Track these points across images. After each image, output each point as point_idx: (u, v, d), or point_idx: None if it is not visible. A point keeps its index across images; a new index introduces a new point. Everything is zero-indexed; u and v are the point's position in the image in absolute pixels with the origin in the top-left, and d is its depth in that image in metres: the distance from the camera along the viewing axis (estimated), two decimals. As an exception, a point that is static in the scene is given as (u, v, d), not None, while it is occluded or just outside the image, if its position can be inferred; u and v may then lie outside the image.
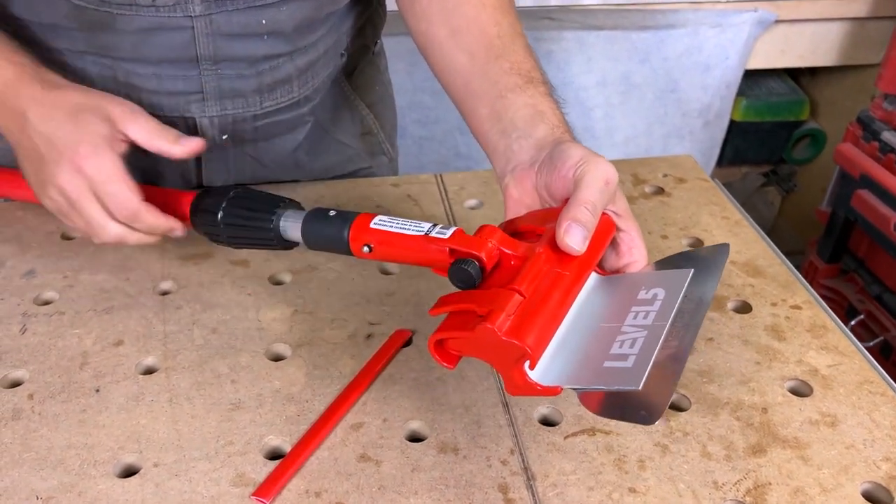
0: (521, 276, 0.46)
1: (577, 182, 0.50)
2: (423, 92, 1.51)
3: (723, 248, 0.55)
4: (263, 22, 0.69)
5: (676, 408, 0.57)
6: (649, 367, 0.42)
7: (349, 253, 0.56)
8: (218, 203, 0.60)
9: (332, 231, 0.56)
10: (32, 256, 0.72)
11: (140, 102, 0.65)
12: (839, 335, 0.63)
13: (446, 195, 0.83)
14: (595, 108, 1.55)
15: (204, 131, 0.75)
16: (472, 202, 0.82)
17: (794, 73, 1.84)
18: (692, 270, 0.50)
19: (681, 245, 0.75)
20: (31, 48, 0.64)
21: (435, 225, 0.52)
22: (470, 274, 0.48)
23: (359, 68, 0.88)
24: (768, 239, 0.77)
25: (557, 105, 0.61)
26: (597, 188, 0.50)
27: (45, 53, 0.67)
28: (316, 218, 0.57)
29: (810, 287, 0.70)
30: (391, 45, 0.95)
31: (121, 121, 0.61)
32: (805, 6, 1.50)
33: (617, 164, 0.85)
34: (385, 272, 0.71)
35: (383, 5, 0.87)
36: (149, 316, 0.64)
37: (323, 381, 0.58)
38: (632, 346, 0.44)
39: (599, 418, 0.55)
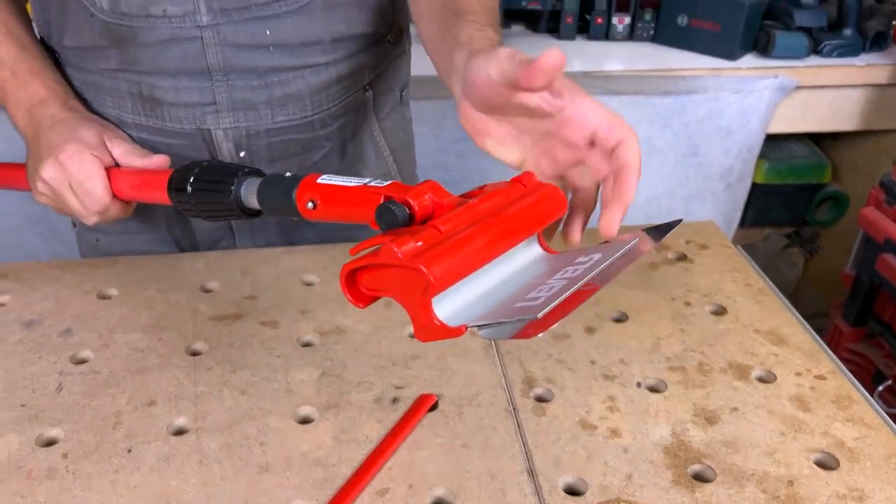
0: (444, 218, 0.46)
1: (619, 171, 0.51)
2: (447, 153, 1.54)
3: (676, 222, 0.58)
4: (268, 33, 0.74)
5: (701, 479, 0.56)
6: (555, 302, 0.42)
7: (297, 214, 0.57)
8: (186, 178, 0.64)
9: (282, 190, 0.57)
10: (69, 315, 0.74)
11: (163, 116, 0.77)
12: (865, 406, 0.63)
13: (471, 259, 0.84)
14: (617, 169, 1.57)
15: (220, 144, 0.80)
16: (496, 266, 0.83)
17: (815, 137, 1.85)
18: (636, 239, 0.52)
19: (704, 312, 0.76)
20: (77, 72, 0.78)
21: (377, 179, 0.53)
22: (395, 215, 0.48)
23: (386, 112, 0.91)
24: (792, 307, 0.77)
25: None
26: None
27: (86, 76, 0.79)
28: (270, 182, 0.59)
29: (835, 356, 0.70)
30: (417, 109, 0.99)
31: (108, 140, 0.73)
32: (825, 73, 1.53)
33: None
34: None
35: (407, 56, 0.92)
36: (180, 376, 0.66)
37: (349, 445, 0.59)
38: (549, 291, 0.44)
39: (625, 488, 0.55)
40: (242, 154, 0.81)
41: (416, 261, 0.43)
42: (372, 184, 0.52)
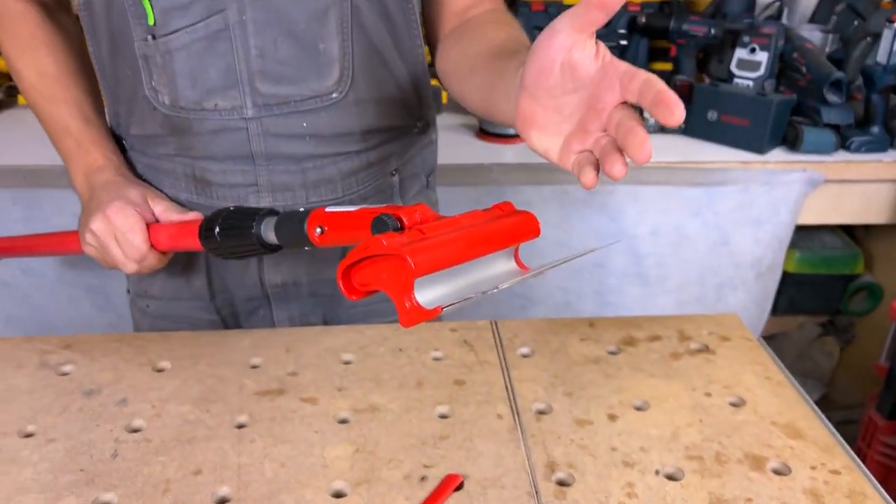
0: (427, 226, 0.55)
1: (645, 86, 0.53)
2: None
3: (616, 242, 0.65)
4: (305, 125, 0.84)
5: (714, 567, 0.59)
6: (506, 285, 0.56)
7: (309, 242, 0.66)
8: (214, 224, 0.76)
9: (295, 223, 0.67)
10: (126, 386, 0.80)
11: (211, 195, 0.88)
12: (879, 502, 0.65)
13: (500, 342, 0.88)
14: (648, 255, 1.61)
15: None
16: (524, 350, 0.87)
17: (848, 227, 1.87)
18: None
19: (723, 403, 0.78)
20: (140, 156, 0.91)
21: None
22: (387, 224, 0.57)
23: (412, 194, 0.99)
24: (811, 401, 0.80)
25: None
26: None
27: (148, 160, 0.91)
28: (285, 217, 0.70)
29: (851, 451, 0.72)
30: (452, 194, 1.05)
31: (151, 199, 0.85)
32: (853, 168, 1.57)
33: (663, 320, 0.91)
34: (442, 416, 0.76)
35: (434, 146, 1.01)
36: (226, 447, 0.71)
37: (379, 519, 0.63)
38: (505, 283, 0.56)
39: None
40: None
41: (400, 249, 0.52)
42: (370, 206, 0.61)
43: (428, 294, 0.55)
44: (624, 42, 1.84)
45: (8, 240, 1.10)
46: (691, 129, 1.66)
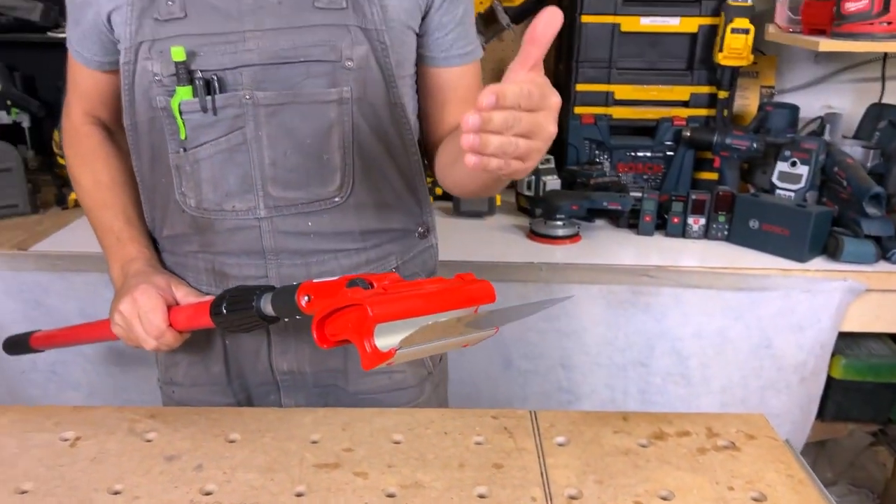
0: (392, 286, 0.67)
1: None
2: (530, 330, 1.68)
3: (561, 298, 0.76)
4: (310, 224, 0.98)
5: None
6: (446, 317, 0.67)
7: (299, 311, 0.76)
8: (221, 303, 0.88)
9: (287, 296, 0.78)
10: (202, 454, 0.90)
11: (227, 286, 0.98)
12: None
13: (538, 430, 0.96)
14: (691, 357, 1.67)
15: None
16: (560, 439, 0.94)
17: (894, 335, 1.88)
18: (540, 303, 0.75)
19: (745, 498, 0.84)
20: (169, 255, 1.05)
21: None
22: (356, 283, 0.67)
23: None
24: (833, 500, 0.84)
25: None
26: None
27: (175, 258, 1.05)
28: (279, 292, 0.82)
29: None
30: (505, 290, 1.15)
31: (174, 286, 0.98)
32: (893, 278, 1.61)
33: (693, 416, 0.97)
34: (481, 496, 0.83)
35: (434, 249, 1.13)
36: (286, 512, 0.79)
37: (419, 583, 0.70)
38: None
39: None
40: (287, 319, 0.99)
41: (362, 299, 0.63)
42: (348, 275, 0.73)
43: (385, 340, 0.66)
44: (670, 153, 1.95)
45: (48, 333, 1.24)
46: (734, 236, 1.74)
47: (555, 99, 0.70)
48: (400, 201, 1.04)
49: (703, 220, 1.76)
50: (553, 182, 1.88)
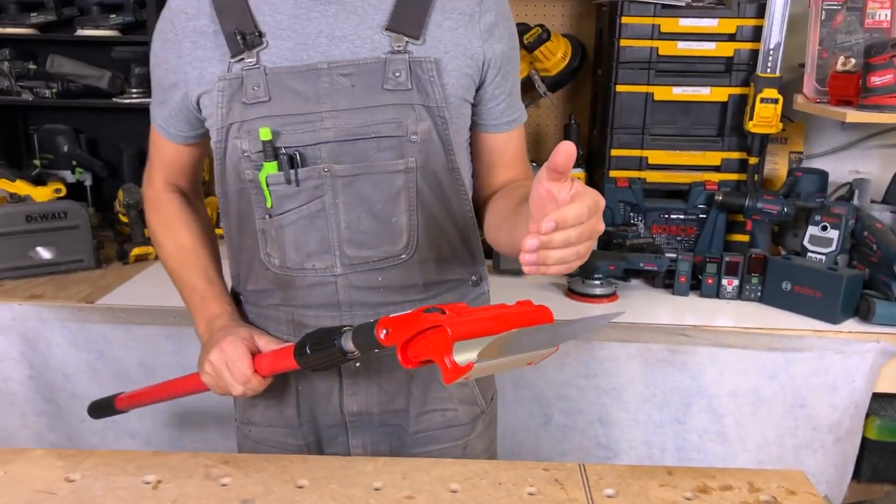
0: (464, 311, 0.78)
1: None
2: (569, 386, 1.74)
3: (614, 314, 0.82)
4: (380, 279, 1.08)
5: None
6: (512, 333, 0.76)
7: (378, 344, 0.86)
8: (305, 344, 0.97)
9: (367, 331, 0.88)
10: (273, 498, 0.97)
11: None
12: None
13: (587, 483, 1.01)
14: (727, 415, 1.71)
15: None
16: (609, 491, 1.00)
17: (930, 398, 1.90)
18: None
19: (788, 550, 0.88)
20: (252, 307, 1.16)
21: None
22: (433, 310, 0.78)
23: None
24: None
25: None
26: None
27: (258, 310, 1.15)
28: (358, 330, 0.92)
29: None
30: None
31: (256, 336, 1.08)
32: (926, 340, 1.64)
33: (735, 472, 1.03)
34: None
35: (487, 295, 1.22)
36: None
37: None
38: None
39: None
40: (358, 364, 1.12)
41: (441, 320, 0.75)
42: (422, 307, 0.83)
43: (464, 357, 0.75)
44: (703, 216, 2.02)
45: (133, 394, 1.33)
46: (767, 297, 1.80)
47: (602, 203, 0.80)
48: (456, 254, 1.13)
49: (736, 282, 1.82)
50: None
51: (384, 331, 0.86)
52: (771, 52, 1.93)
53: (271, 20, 1.02)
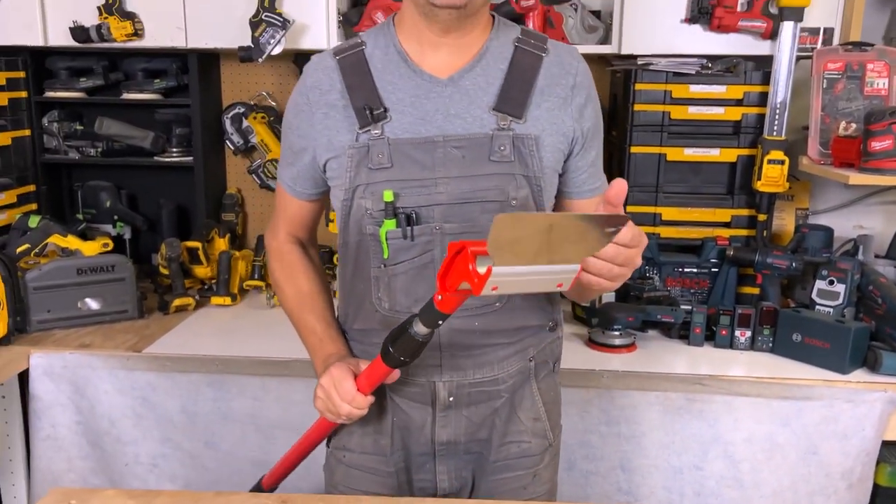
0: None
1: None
2: (591, 433, 1.82)
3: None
4: (476, 324, 1.19)
5: None
6: None
7: (438, 312, 1.00)
8: (388, 345, 1.09)
9: (428, 307, 1.01)
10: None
11: (406, 372, 1.18)
12: None
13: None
14: (743, 461, 1.78)
15: (438, 392, 1.21)
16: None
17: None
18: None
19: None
20: (357, 344, 1.27)
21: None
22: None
23: (542, 376, 1.30)
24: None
25: None
26: None
27: (363, 347, 1.26)
28: (421, 310, 1.03)
29: None
30: (568, 394, 1.32)
31: (360, 364, 1.18)
32: (931, 390, 1.73)
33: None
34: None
35: (560, 340, 1.33)
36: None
37: None
38: None
39: None
40: (451, 398, 1.22)
41: (463, 244, 0.89)
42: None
43: (484, 265, 0.85)
44: (715, 269, 2.13)
45: (273, 471, 1.42)
46: (778, 348, 1.89)
47: (645, 241, 0.94)
48: (539, 303, 1.25)
49: (749, 333, 1.91)
50: (608, 294, 2.06)
51: (438, 297, 0.99)
52: (776, 117, 2.06)
53: (395, 98, 1.17)
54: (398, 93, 1.18)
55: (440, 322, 1.03)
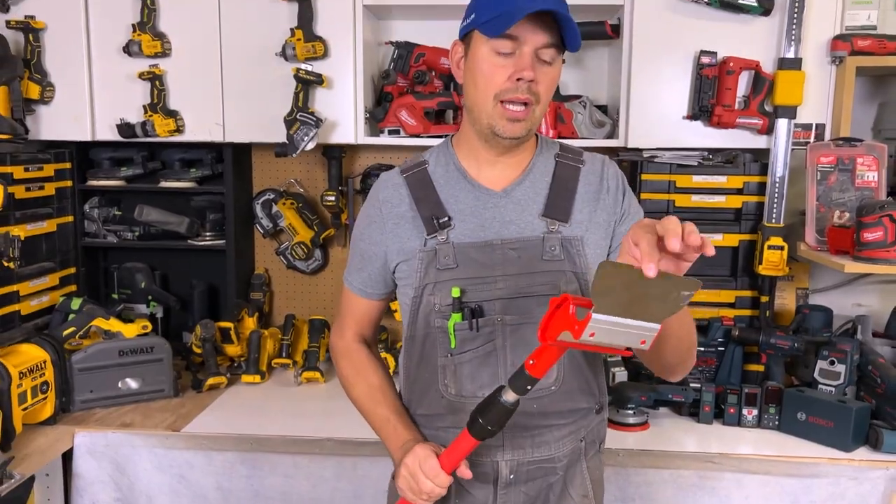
0: None
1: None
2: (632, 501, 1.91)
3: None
4: (535, 406, 1.30)
5: None
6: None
7: (530, 377, 1.10)
8: (475, 419, 1.17)
9: (519, 373, 1.10)
10: None
11: (470, 455, 1.23)
12: None
13: None
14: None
15: (501, 470, 1.32)
16: None
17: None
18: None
19: None
20: (423, 428, 1.37)
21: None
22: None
23: (590, 455, 1.41)
24: None
25: None
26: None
27: (428, 431, 1.37)
28: (512, 377, 1.12)
29: None
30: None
31: (438, 446, 1.26)
32: (931, 468, 1.82)
33: None
34: None
35: (605, 421, 1.44)
36: None
37: None
38: None
39: None
40: (512, 476, 1.32)
41: (565, 298, 1.00)
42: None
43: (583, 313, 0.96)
44: (721, 348, 2.24)
45: None
46: (784, 425, 1.99)
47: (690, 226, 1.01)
48: (589, 387, 1.37)
49: (755, 411, 2.02)
50: (621, 374, 2.17)
51: (530, 361, 1.09)
52: (775, 206, 2.21)
53: (457, 209, 1.35)
54: (459, 204, 1.35)
55: (529, 388, 1.12)
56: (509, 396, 1.14)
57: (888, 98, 2.45)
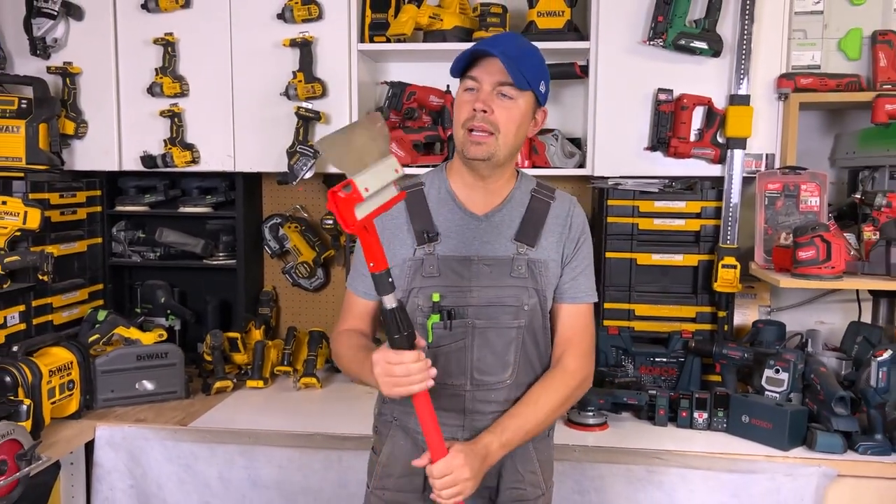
0: None
1: None
2: (565, 501, 2.10)
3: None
4: (492, 396, 1.56)
5: None
6: None
7: (381, 273, 1.34)
8: (391, 338, 1.37)
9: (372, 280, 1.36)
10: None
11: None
12: None
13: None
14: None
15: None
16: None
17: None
18: None
19: None
20: (398, 405, 1.61)
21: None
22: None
23: (538, 440, 1.63)
24: None
25: None
26: None
27: (401, 408, 1.61)
28: (375, 285, 1.36)
29: None
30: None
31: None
32: (862, 466, 1.98)
33: None
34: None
35: None
36: None
37: None
38: None
39: None
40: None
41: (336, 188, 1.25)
42: None
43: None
44: (682, 359, 2.44)
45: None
46: (731, 428, 2.18)
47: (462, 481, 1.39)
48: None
49: (706, 415, 2.21)
50: (586, 381, 2.37)
51: (371, 264, 1.34)
52: (729, 229, 2.41)
53: (444, 226, 1.58)
54: (447, 223, 1.58)
55: (390, 281, 1.34)
56: (387, 303, 1.34)
57: (843, 129, 2.65)
